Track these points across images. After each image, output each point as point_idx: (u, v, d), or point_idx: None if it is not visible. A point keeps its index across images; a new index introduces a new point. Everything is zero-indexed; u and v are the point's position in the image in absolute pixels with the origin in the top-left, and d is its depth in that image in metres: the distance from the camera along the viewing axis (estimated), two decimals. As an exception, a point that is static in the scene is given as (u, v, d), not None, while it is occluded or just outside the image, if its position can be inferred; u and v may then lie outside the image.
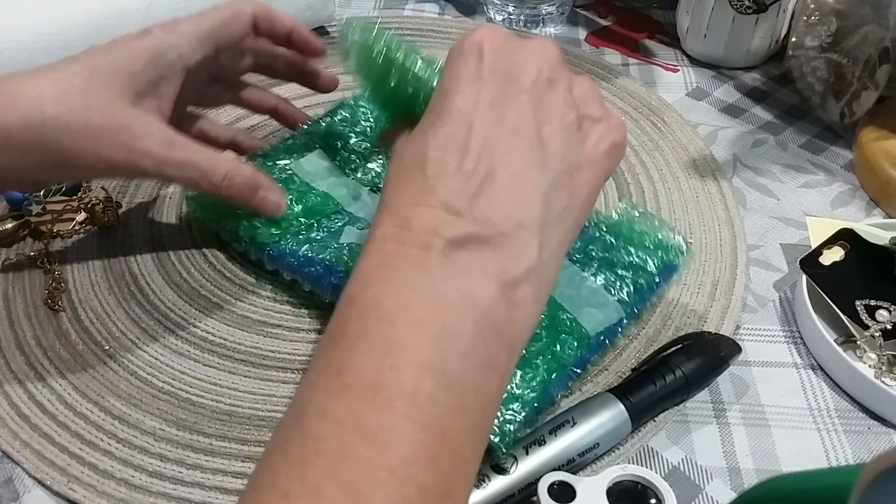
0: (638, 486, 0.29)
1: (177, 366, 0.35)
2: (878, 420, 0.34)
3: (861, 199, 0.45)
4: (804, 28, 0.50)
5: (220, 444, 0.32)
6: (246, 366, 0.35)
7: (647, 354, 0.35)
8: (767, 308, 0.39)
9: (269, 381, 0.35)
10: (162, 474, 0.31)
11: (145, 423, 0.33)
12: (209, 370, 0.35)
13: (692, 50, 0.57)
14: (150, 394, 0.34)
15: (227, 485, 0.31)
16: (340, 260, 0.35)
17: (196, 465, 0.32)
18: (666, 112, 0.51)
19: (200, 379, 0.35)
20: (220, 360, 0.36)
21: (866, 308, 0.36)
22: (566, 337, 0.32)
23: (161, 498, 0.30)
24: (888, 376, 0.35)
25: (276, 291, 0.39)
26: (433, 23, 0.60)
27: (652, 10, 0.63)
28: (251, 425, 0.33)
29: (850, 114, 0.48)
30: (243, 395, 0.34)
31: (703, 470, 0.32)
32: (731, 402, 0.35)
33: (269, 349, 0.36)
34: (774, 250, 0.42)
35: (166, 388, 0.34)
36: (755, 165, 0.48)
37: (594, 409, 0.31)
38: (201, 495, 0.31)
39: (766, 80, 0.55)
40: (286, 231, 0.38)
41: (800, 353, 0.37)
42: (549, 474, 0.29)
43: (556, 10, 0.60)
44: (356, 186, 0.41)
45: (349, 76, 0.36)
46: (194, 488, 0.31)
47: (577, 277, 0.35)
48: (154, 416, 0.33)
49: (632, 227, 0.36)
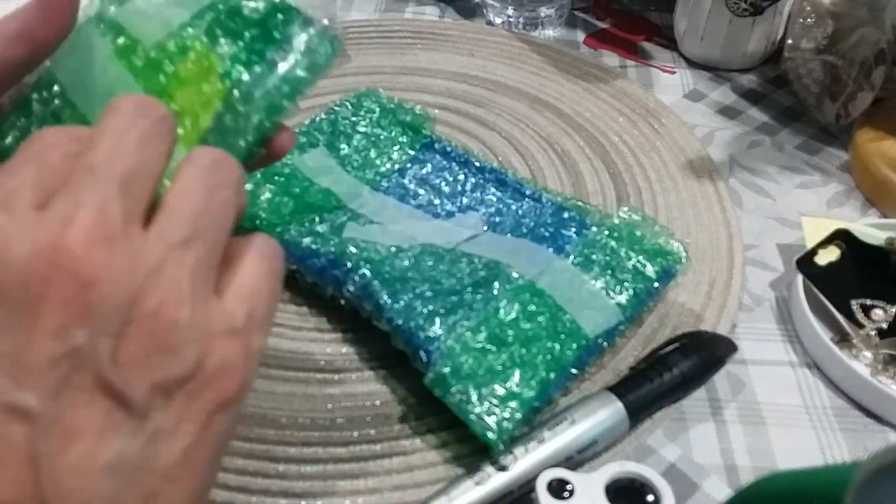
0: (636, 483, 0.29)
1: (179, 365, 0.35)
2: (873, 418, 0.34)
3: (856, 199, 0.46)
4: (800, 30, 0.51)
5: (221, 442, 0.33)
6: (247, 365, 0.36)
7: (644, 353, 0.36)
8: (763, 307, 0.39)
9: (269, 380, 0.35)
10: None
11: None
12: (211, 369, 0.35)
13: (689, 52, 0.57)
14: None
15: (231, 482, 0.31)
16: (345, 254, 0.35)
17: (198, 462, 0.32)
18: (663, 114, 0.51)
19: (202, 378, 0.35)
20: (222, 359, 0.36)
21: (862, 307, 0.37)
22: (566, 338, 0.33)
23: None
24: (883, 375, 0.35)
25: (277, 291, 0.39)
26: (433, 25, 0.60)
27: (649, 12, 0.64)
28: (252, 423, 0.33)
29: (846, 115, 0.48)
30: (245, 394, 0.34)
31: (700, 467, 0.32)
32: (728, 400, 0.35)
33: (270, 347, 0.36)
34: (770, 250, 0.43)
35: (168, 387, 0.35)
36: (751, 166, 0.48)
37: (592, 406, 0.32)
38: (203, 493, 0.31)
39: (762, 82, 0.55)
40: (288, 225, 0.38)
41: (796, 352, 0.37)
42: (547, 471, 0.29)
43: (554, 12, 0.60)
44: (357, 184, 0.42)
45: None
46: (196, 486, 0.31)
47: (578, 280, 0.35)
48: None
49: (632, 232, 0.37)
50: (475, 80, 0.54)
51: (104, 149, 0.19)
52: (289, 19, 0.26)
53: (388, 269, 0.35)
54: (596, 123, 0.50)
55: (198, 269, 0.19)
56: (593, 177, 0.46)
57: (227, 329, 0.19)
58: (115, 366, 0.17)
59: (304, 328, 0.37)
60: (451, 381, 0.31)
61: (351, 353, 0.36)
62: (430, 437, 0.33)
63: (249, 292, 0.20)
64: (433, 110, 0.50)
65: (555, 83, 0.54)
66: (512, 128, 0.50)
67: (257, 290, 0.20)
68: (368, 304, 0.34)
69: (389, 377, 0.35)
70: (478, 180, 0.42)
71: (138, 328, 0.17)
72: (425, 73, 0.55)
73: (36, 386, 0.16)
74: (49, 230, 0.17)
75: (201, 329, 0.18)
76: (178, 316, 0.18)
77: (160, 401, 0.18)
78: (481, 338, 0.32)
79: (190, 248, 0.19)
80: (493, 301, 0.33)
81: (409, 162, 0.43)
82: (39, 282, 0.17)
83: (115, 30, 0.26)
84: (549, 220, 0.39)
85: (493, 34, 0.59)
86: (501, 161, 0.47)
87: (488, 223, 0.40)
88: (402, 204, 0.41)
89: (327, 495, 0.31)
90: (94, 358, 0.17)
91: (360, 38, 0.58)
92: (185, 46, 0.26)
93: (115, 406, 0.17)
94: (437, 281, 0.35)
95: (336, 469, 0.32)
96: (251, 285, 0.20)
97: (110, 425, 0.17)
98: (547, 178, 0.46)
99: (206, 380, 0.18)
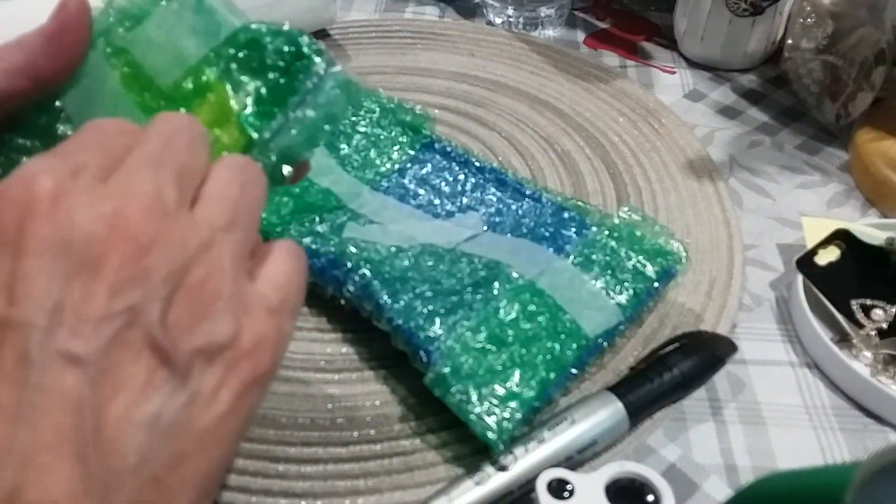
0: (636, 483, 0.29)
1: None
2: (873, 418, 0.34)
3: (856, 199, 0.46)
4: (800, 30, 0.51)
5: (221, 442, 0.33)
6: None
7: (644, 353, 0.36)
8: (764, 307, 0.39)
9: (270, 380, 0.35)
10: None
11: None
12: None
13: (689, 52, 0.57)
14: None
15: (231, 482, 0.31)
16: (345, 253, 0.35)
17: (198, 462, 0.32)
18: (663, 114, 0.51)
19: (202, 378, 0.35)
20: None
21: (862, 307, 0.37)
22: (566, 338, 0.33)
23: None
24: (883, 375, 0.35)
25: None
26: (434, 25, 0.60)
27: (650, 12, 0.64)
28: (252, 423, 0.33)
29: (846, 115, 0.48)
30: (245, 394, 0.34)
31: (700, 467, 0.32)
32: (728, 400, 0.35)
33: (271, 348, 0.36)
34: (770, 250, 0.43)
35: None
36: (751, 166, 0.48)
37: (592, 406, 0.32)
38: (203, 493, 0.31)
39: (762, 82, 0.55)
40: (288, 225, 0.38)
41: (796, 352, 0.37)
42: (547, 471, 0.29)
43: (554, 12, 0.60)
44: (357, 184, 0.42)
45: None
46: (196, 486, 0.31)
47: (578, 280, 0.35)
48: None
49: (632, 232, 0.37)
50: (475, 80, 0.54)
51: (159, 142, 0.21)
52: (310, 65, 0.24)
53: (388, 269, 0.35)
54: (596, 123, 0.50)
55: (237, 251, 0.20)
56: (593, 177, 0.46)
57: (263, 307, 0.21)
58: (163, 327, 0.18)
59: (304, 328, 0.37)
60: (451, 381, 0.31)
61: (351, 353, 0.36)
62: (430, 437, 0.33)
63: (282, 282, 0.22)
64: (433, 110, 0.50)
65: (555, 83, 0.54)
66: (512, 128, 0.50)
67: (287, 281, 0.22)
68: (368, 304, 0.34)
69: (389, 377, 0.35)
70: (478, 180, 0.42)
71: (186, 295, 0.19)
72: (425, 73, 0.55)
73: (90, 337, 0.17)
74: (113, 199, 0.19)
75: (241, 303, 0.20)
76: (221, 287, 0.19)
77: (201, 365, 0.19)
78: (481, 338, 0.32)
79: (231, 231, 0.20)
80: (493, 301, 0.33)
81: (409, 162, 0.43)
82: (102, 242, 0.18)
83: (124, 59, 0.25)
84: (549, 220, 0.39)
85: (493, 34, 0.59)
86: (501, 161, 0.47)
87: (488, 223, 0.40)
88: (402, 204, 0.41)
89: (327, 495, 0.31)
90: (145, 317, 0.18)
91: (360, 38, 0.58)
92: (201, 87, 0.25)
93: (159, 364, 0.18)
94: (437, 281, 0.35)
95: (336, 469, 0.32)
96: (282, 276, 0.22)
97: (153, 382, 0.18)
98: (547, 178, 0.46)
99: (243, 351, 0.20)
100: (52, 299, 0.17)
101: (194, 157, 0.21)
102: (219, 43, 0.25)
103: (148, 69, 0.25)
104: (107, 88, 0.25)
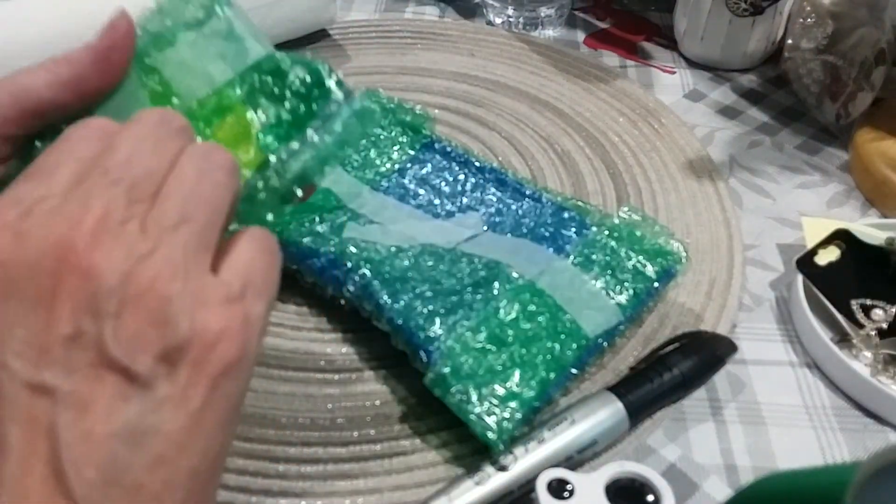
0: (636, 483, 0.29)
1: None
2: (873, 418, 0.34)
3: (856, 199, 0.46)
4: (800, 30, 0.51)
5: (221, 442, 0.33)
6: (247, 365, 0.36)
7: (644, 353, 0.36)
8: (763, 307, 0.39)
9: (269, 379, 0.35)
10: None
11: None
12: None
13: (689, 52, 0.57)
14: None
15: (231, 482, 0.31)
16: (345, 253, 0.35)
17: (198, 462, 0.32)
18: (663, 114, 0.51)
19: (202, 378, 0.35)
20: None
21: (862, 307, 0.37)
22: (566, 338, 0.33)
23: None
24: (883, 375, 0.35)
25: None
26: (434, 25, 0.60)
27: (650, 12, 0.64)
28: (252, 423, 0.33)
29: (846, 115, 0.48)
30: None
31: (700, 467, 0.32)
32: (728, 400, 0.35)
33: (270, 347, 0.36)
34: (770, 250, 0.43)
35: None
36: (751, 166, 0.48)
37: (592, 406, 0.32)
38: (203, 493, 0.31)
39: (762, 82, 0.55)
40: (288, 225, 0.38)
41: (796, 352, 0.37)
42: (547, 471, 0.29)
43: (554, 12, 0.60)
44: (357, 184, 0.42)
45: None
46: (196, 486, 0.31)
47: (578, 280, 0.35)
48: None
49: (632, 232, 0.37)
50: (475, 80, 0.54)
51: (125, 150, 0.21)
52: (329, 94, 0.26)
53: (388, 269, 0.35)
54: (596, 123, 0.50)
55: (189, 247, 0.20)
56: (593, 177, 0.46)
57: (222, 297, 0.20)
58: (118, 343, 0.19)
59: (304, 328, 0.37)
60: (451, 381, 0.31)
61: (351, 353, 0.36)
62: (430, 437, 0.33)
63: (244, 265, 0.22)
64: (433, 110, 0.50)
65: (555, 83, 0.54)
66: (512, 128, 0.50)
67: (250, 263, 0.22)
68: (368, 304, 0.34)
69: (389, 377, 0.35)
70: (478, 180, 0.42)
71: (135, 305, 0.19)
72: (425, 73, 0.55)
73: (52, 365, 0.19)
74: (59, 230, 0.19)
75: (195, 299, 0.20)
76: (170, 290, 0.20)
77: (165, 370, 0.19)
78: (481, 338, 0.32)
79: (180, 229, 0.20)
80: (493, 301, 0.33)
81: (409, 162, 0.43)
82: (50, 276, 0.19)
83: (155, 79, 0.26)
84: (549, 220, 0.39)
85: (493, 34, 0.59)
86: (501, 161, 0.47)
87: (488, 223, 0.40)
88: (402, 204, 0.41)
89: (327, 495, 0.31)
90: (98, 338, 0.19)
91: (360, 38, 0.58)
92: (223, 107, 0.26)
93: (121, 379, 0.19)
94: (437, 281, 0.35)
95: (336, 469, 0.32)
96: (245, 260, 0.22)
97: (119, 396, 0.19)
98: (547, 178, 0.46)
99: (206, 346, 0.20)
100: (14, 336, 0.19)
101: (159, 158, 0.22)
102: (244, 68, 0.26)
103: (175, 88, 0.27)
104: (137, 105, 0.26)
